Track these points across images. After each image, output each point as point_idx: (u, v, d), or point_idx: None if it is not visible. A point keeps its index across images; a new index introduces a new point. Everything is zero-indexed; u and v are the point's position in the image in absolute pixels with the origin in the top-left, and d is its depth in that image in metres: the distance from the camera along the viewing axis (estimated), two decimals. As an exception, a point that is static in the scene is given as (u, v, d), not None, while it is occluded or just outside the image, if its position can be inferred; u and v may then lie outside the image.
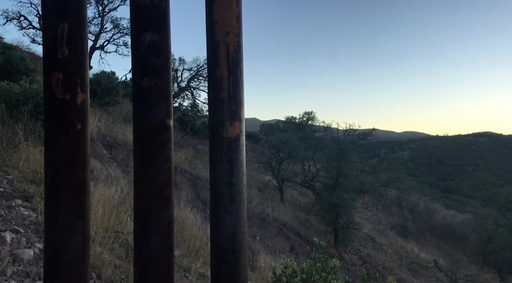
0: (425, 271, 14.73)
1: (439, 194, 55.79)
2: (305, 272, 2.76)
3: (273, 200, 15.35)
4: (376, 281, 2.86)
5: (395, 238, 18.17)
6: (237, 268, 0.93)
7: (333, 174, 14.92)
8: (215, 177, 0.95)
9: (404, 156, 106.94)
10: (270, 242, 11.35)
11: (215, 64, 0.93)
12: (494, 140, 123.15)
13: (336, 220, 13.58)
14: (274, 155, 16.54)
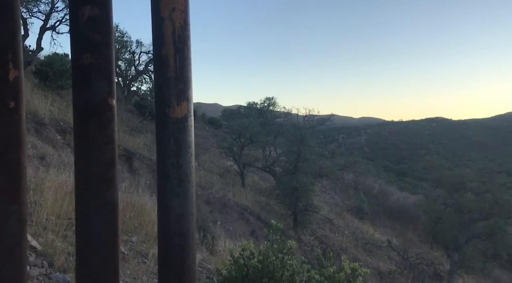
0: (379, 250, 15.43)
1: (394, 177, 58.20)
2: (262, 254, 2.80)
3: (234, 185, 15.42)
4: (330, 260, 2.95)
5: (352, 219, 18.84)
6: (185, 250, 0.92)
7: (293, 159, 15.15)
8: (162, 159, 0.93)
9: (361, 141, 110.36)
10: (231, 226, 11.43)
11: (161, 41, 0.90)
12: (445, 125, 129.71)
13: (296, 204, 13.86)
14: (236, 140, 16.53)
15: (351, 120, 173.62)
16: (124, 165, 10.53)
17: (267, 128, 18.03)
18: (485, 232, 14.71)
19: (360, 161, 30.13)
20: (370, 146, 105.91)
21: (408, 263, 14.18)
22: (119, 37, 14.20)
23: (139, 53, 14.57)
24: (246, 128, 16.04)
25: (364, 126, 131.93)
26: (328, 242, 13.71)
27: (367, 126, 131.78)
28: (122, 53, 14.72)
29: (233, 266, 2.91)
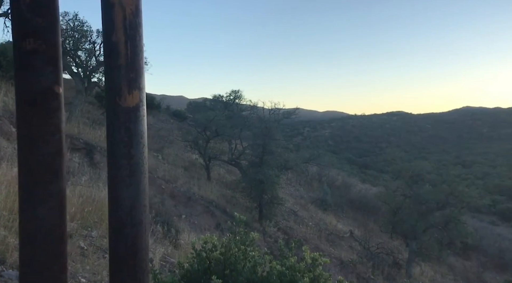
0: (341, 241, 15.85)
1: (356, 169, 59.80)
2: (224, 246, 2.81)
3: (199, 178, 15.32)
4: (291, 250, 2.99)
5: (316, 211, 19.24)
6: (138, 242, 0.91)
7: (259, 152, 15.21)
8: (113, 149, 0.90)
9: (326, 134, 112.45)
10: (196, 220, 11.36)
11: (111, 28, 0.87)
12: (405, 119, 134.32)
13: (261, 196, 13.97)
14: (201, 133, 16.40)
15: (316, 113, 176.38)
16: (84, 159, 10.20)
17: (233, 121, 17.98)
18: (441, 222, 15.40)
19: (324, 154, 30.71)
20: (334, 139, 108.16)
21: (368, 253, 14.65)
22: (78, 26, 13.66)
23: (100, 43, 14.07)
24: (212, 121, 15.94)
25: (329, 119, 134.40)
26: (293, 233, 13.93)
27: (331, 119, 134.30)
28: (82, 43, 14.18)
29: (195, 259, 2.90)
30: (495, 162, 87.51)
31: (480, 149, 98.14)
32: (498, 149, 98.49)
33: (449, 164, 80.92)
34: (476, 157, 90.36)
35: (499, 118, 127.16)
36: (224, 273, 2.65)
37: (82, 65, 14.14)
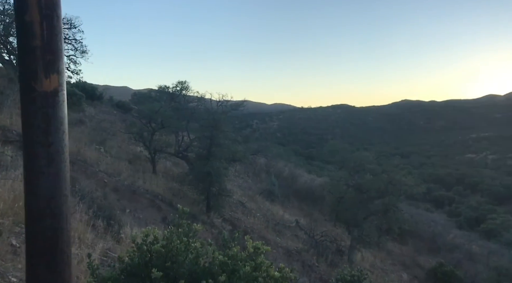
0: (288, 230, 16.23)
1: (303, 160, 61.32)
2: (166, 239, 2.77)
3: (145, 172, 14.93)
4: (234, 241, 3.02)
5: (263, 202, 19.52)
6: (57, 233, 0.86)
7: (207, 144, 15.08)
8: (29, 136, 0.85)
9: (274, 126, 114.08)
10: (141, 214, 11.09)
11: (23, 5, 0.81)
12: (349, 111, 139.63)
13: (209, 189, 13.90)
14: (146, 125, 15.95)
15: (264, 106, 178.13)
16: (18, 152, 9.56)
17: (179, 112, 17.68)
18: (381, 209, 16.21)
19: (272, 146, 31.22)
20: (282, 132, 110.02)
21: (313, 241, 15.14)
22: (8, 10, 12.70)
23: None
24: (157, 113, 15.56)
25: (277, 112, 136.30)
26: (241, 224, 14.04)
27: (279, 112, 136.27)
28: (14, 28, 13.20)
29: (135, 253, 2.84)
30: (430, 153, 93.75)
31: (417, 140, 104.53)
32: (433, 140, 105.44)
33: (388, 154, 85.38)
34: (413, 147, 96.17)
35: (434, 111, 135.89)
36: (165, 266, 2.62)
37: (14, 52, 13.19)
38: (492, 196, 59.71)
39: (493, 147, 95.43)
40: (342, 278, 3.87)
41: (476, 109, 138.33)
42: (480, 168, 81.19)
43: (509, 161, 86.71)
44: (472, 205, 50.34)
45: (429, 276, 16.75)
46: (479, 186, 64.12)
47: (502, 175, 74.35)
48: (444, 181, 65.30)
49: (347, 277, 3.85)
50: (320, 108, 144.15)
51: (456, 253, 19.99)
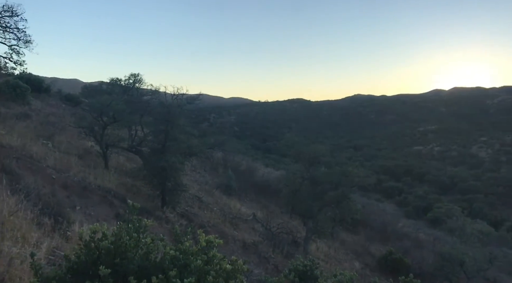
0: (245, 224, 16.33)
1: (260, 154, 61.82)
2: (115, 235, 2.69)
3: (96, 167, 14.42)
4: (187, 235, 2.99)
5: (220, 196, 19.49)
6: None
7: (161, 138, 14.78)
8: None
9: (231, 120, 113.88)
10: (92, 211, 10.69)
11: None
12: (305, 105, 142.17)
13: (164, 184, 13.65)
14: (97, 119, 15.36)
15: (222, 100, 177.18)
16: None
17: (133, 106, 17.16)
18: (334, 201, 16.68)
19: (229, 140, 31.16)
20: (239, 125, 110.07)
21: (270, 233, 15.34)
22: None
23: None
24: (109, 106, 15.02)
25: (234, 106, 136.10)
26: (197, 219, 13.94)
27: (236, 106, 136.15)
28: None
29: (83, 250, 2.74)
30: (381, 145, 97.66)
31: (369, 134, 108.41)
32: (383, 133, 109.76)
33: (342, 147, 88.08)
34: (365, 140, 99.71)
35: (384, 105, 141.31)
36: (114, 262, 2.55)
37: None
38: (438, 186, 63.33)
39: (439, 139, 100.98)
40: (294, 268, 3.95)
41: (423, 103, 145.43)
42: (427, 159, 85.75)
43: (453, 153, 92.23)
44: (420, 195, 53.15)
45: (379, 264, 17.52)
46: (426, 176, 67.76)
47: (447, 166, 79.00)
48: (394, 172, 68.31)
49: (299, 267, 3.94)
50: (277, 102, 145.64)
51: (405, 241, 21.02)
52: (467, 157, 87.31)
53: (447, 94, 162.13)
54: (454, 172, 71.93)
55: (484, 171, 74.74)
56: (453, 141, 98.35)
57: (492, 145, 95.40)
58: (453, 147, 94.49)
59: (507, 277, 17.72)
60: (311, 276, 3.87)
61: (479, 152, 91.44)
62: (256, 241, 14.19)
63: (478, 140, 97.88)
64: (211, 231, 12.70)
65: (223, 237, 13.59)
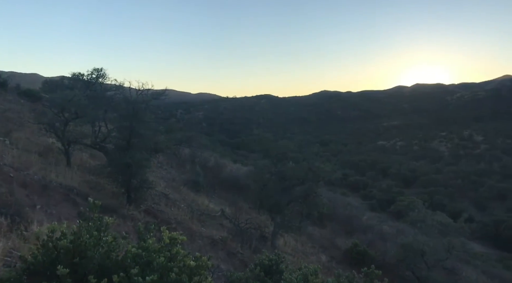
0: (213, 220, 16.27)
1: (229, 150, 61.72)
2: (74, 234, 2.61)
3: (58, 164, 13.92)
4: (150, 232, 2.94)
5: (188, 193, 19.31)
6: None
7: (126, 135, 14.44)
8: None
9: (199, 116, 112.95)
10: (54, 210, 10.33)
11: None
12: (272, 101, 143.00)
13: (129, 181, 13.37)
14: (58, 115, 14.81)
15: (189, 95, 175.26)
16: None
17: (96, 101, 16.67)
18: (301, 195, 16.90)
19: (197, 136, 30.85)
20: (208, 121, 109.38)
21: (238, 229, 15.36)
22: None
23: None
24: (71, 101, 14.52)
25: (201, 102, 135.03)
26: (164, 216, 13.74)
27: (204, 102, 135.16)
28: None
29: (40, 250, 2.64)
30: (347, 141, 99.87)
31: (335, 129, 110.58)
32: (349, 129, 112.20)
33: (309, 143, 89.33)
34: (332, 136, 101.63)
35: (350, 101, 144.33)
36: (73, 262, 2.47)
37: None
38: (401, 179, 65.54)
39: (401, 134, 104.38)
40: (260, 263, 3.98)
41: (387, 100, 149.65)
42: (390, 154, 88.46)
43: (415, 147, 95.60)
44: (384, 188, 54.86)
45: (345, 256, 17.95)
46: (389, 170, 69.92)
47: (409, 160, 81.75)
48: (359, 166, 70.07)
49: (265, 262, 3.97)
50: (245, 98, 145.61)
51: (369, 234, 21.63)
52: (428, 151, 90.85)
53: (410, 90, 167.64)
54: (416, 166, 74.66)
55: (444, 165, 78.09)
56: (415, 136, 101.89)
57: (452, 139, 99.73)
58: (415, 142, 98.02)
59: (464, 265, 18.62)
60: (276, 270, 3.92)
61: (439, 146, 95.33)
62: (224, 237, 14.16)
63: (438, 135, 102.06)
64: (178, 228, 12.59)
65: (191, 234, 13.50)
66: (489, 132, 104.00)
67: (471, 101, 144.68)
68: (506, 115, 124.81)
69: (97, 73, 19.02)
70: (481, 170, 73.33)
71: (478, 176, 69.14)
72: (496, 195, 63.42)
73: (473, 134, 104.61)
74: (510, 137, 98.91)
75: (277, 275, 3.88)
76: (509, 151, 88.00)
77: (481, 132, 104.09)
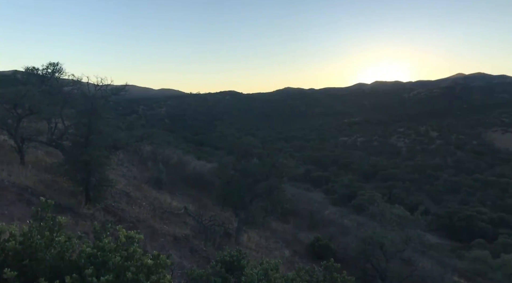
0: (176, 218, 16.07)
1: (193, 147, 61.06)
2: (23, 235, 2.49)
3: (10, 163, 13.28)
4: (107, 231, 2.86)
5: (150, 191, 18.96)
6: None
7: (84, 131, 13.95)
8: None
9: (162, 112, 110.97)
10: (6, 210, 9.86)
11: None
12: (237, 98, 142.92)
13: (88, 179, 12.95)
14: (10, 111, 14.10)
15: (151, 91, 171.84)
16: None
17: (52, 97, 15.99)
18: (265, 191, 17.00)
19: (159, 133, 30.33)
20: (171, 118, 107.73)
21: (202, 226, 15.26)
22: None
23: None
24: (24, 97, 13.85)
25: (164, 97, 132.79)
26: (125, 215, 13.43)
27: (167, 97, 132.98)
28: None
29: (-15, 254, 2.50)
30: (310, 137, 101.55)
31: (298, 125, 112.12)
32: (312, 125, 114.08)
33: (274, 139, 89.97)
34: (295, 132, 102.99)
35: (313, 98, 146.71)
36: (23, 264, 2.36)
37: None
38: (362, 174, 67.51)
39: (362, 130, 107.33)
40: (221, 260, 3.97)
41: (348, 97, 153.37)
42: (351, 149, 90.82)
43: (375, 143, 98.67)
44: (345, 183, 56.25)
45: (307, 251, 18.27)
46: (350, 166, 71.81)
47: (369, 155, 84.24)
48: (322, 162, 71.46)
49: (226, 258, 3.97)
50: (209, 94, 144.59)
51: (331, 228, 22.12)
52: (387, 147, 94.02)
53: (369, 88, 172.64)
54: (375, 161, 77.08)
55: (402, 160, 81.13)
56: (375, 132, 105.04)
57: (409, 135, 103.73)
58: (374, 138, 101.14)
59: (420, 256, 19.44)
60: (237, 266, 3.92)
61: (397, 142, 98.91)
62: (187, 235, 14.02)
63: (396, 131, 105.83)
64: (139, 227, 12.35)
65: (153, 232, 13.27)
66: (444, 128, 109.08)
67: (427, 98, 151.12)
68: (459, 111, 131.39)
69: (52, 67, 18.20)
70: (436, 165, 76.87)
71: (434, 170, 72.43)
72: (450, 188, 66.73)
73: (429, 130, 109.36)
74: (463, 133, 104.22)
75: (238, 271, 3.89)
76: (462, 146, 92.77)
77: (436, 128, 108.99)
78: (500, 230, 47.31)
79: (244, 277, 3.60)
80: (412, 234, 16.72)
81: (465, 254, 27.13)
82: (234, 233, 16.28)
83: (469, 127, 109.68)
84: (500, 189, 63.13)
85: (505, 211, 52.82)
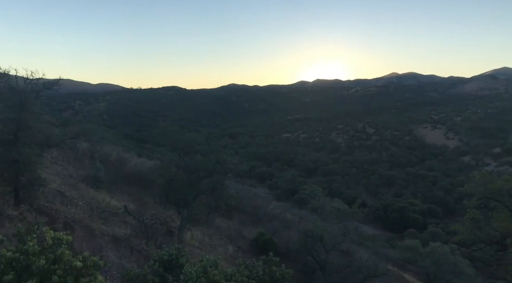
0: (115, 217, 15.45)
1: (134, 143, 59.13)
2: None
3: None
4: (32, 234, 2.68)
5: (87, 190, 18.06)
6: None
7: (12, 128, 12.97)
8: None
9: (100, 108, 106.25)
10: None
11: None
12: (181, 93, 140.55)
13: (17, 178, 12.08)
14: None
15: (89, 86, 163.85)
16: None
17: (-26, 90, 14.63)
18: (209, 188, 16.90)
19: (97, 129, 28.96)
20: (110, 114, 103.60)
21: (143, 225, 14.82)
22: None
23: None
24: None
25: (103, 93, 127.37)
26: (59, 216, 12.68)
27: (106, 93, 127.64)
28: None
29: None
30: (254, 133, 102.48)
31: (243, 122, 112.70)
32: (256, 121, 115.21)
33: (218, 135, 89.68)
34: (240, 129, 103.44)
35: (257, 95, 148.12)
36: None
37: None
38: (304, 169, 69.42)
39: (304, 127, 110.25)
40: (159, 259, 3.89)
41: (290, 94, 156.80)
42: (294, 145, 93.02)
43: (316, 139, 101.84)
44: (288, 178, 57.52)
45: (251, 246, 18.45)
46: (293, 161, 73.60)
47: (311, 151, 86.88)
48: (266, 158, 72.51)
49: (164, 257, 3.89)
50: (151, 90, 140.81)
51: (274, 222, 22.50)
52: (327, 143, 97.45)
53: (311, 85, 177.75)
54: (317, 156, 79.62)
55: (341, 155, 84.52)
56: (316, 128, 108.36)
57: (347, 131, 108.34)
58: (316, 134, 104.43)
59: (357, 247, 20.41)
60: (176, 265, 3.86)
61: (337, 138, 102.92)
62: (127, 234, 13.57)
63: (336, 127, 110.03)
64: (75, 228, 11.76)
65: (90, 233, 12.69)
66: (379, 124, 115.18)
67: (364, 96, 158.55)
68: (393, 109, 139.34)
69: (-25, 58, 16.67)
70: (372, 159, 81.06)
71: (370, 165, 76.32)
72: (385, 182, 70.73)
73: (366, 126, 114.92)
74: (397, 129, 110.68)
75: (177, 269, 3.83)
76: (396, 142, 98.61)
77: (373, 125, 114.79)
78: (429, 220, 51.01)
79: (183, 275, 3.55)
80: (350, 226, 17.49)
81: (398, 243, 28.94)
82: (177, 231, 16.01)
83: (402, 124, 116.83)
84: (430, 182, 68.04)
85: (434, 202, 57.06)
